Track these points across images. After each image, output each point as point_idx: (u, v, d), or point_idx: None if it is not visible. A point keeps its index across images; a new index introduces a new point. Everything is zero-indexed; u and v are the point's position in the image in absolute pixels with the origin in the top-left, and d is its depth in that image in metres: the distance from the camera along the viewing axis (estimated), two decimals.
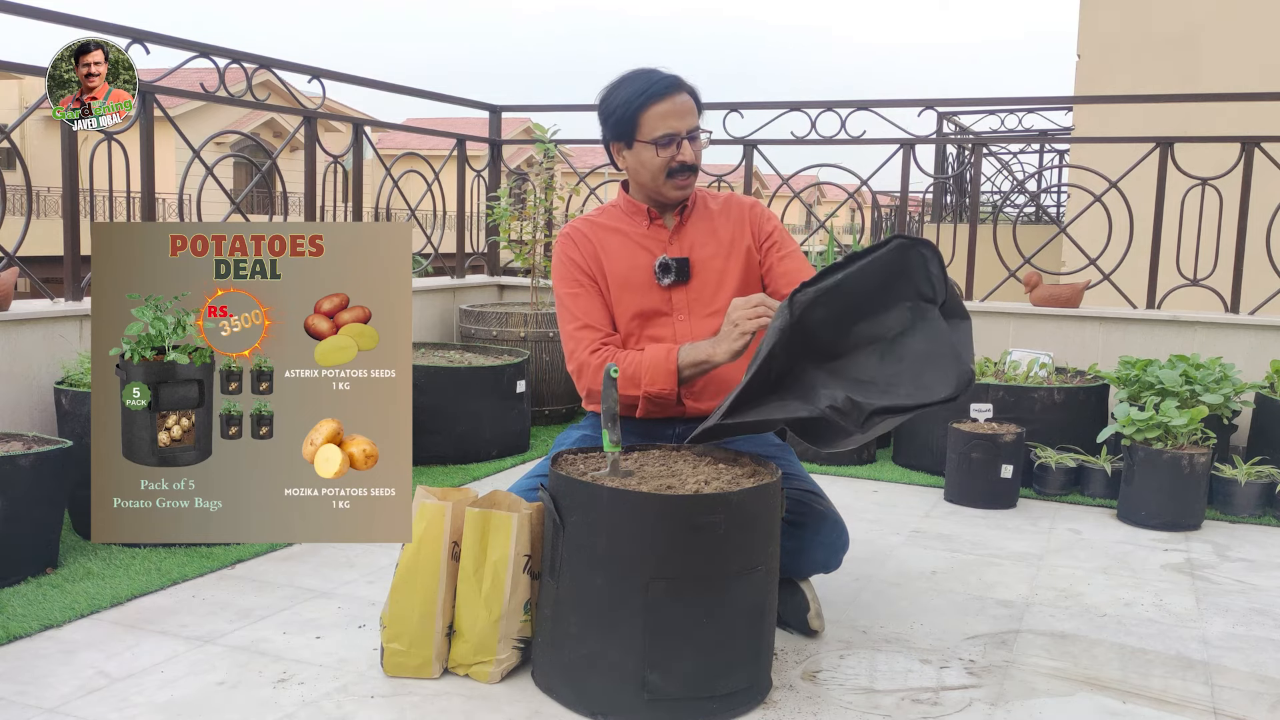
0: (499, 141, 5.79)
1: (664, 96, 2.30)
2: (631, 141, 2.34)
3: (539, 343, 4.64)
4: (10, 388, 3.11)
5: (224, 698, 1.97)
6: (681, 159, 2.33)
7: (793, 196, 5.30)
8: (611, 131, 2.37)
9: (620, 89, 2.34)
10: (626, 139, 2.35)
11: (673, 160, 2.33)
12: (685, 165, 2.34)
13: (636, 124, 2.32)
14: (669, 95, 2.31)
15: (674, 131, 2.31)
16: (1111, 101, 6.71)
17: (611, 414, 2.02)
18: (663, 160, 2.33)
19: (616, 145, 2.39)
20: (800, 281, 2.02)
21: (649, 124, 2.31)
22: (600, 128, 2.40)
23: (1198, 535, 3.27)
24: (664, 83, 2.31)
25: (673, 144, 2.32)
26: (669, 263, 2.37)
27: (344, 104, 16.33)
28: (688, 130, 2.33)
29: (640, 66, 2.38)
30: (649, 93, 2.30)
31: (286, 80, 4.47)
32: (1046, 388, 3.83)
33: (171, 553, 2.78)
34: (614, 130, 2.37)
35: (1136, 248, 4.61)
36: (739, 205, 2.51)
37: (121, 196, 10.35)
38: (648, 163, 2.34)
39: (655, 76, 2.33)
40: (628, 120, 2.32)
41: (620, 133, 2.36)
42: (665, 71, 2.35)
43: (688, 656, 1.88)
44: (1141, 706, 2.03)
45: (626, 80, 2.35)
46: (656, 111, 2.30)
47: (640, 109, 2.30)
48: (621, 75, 2.38)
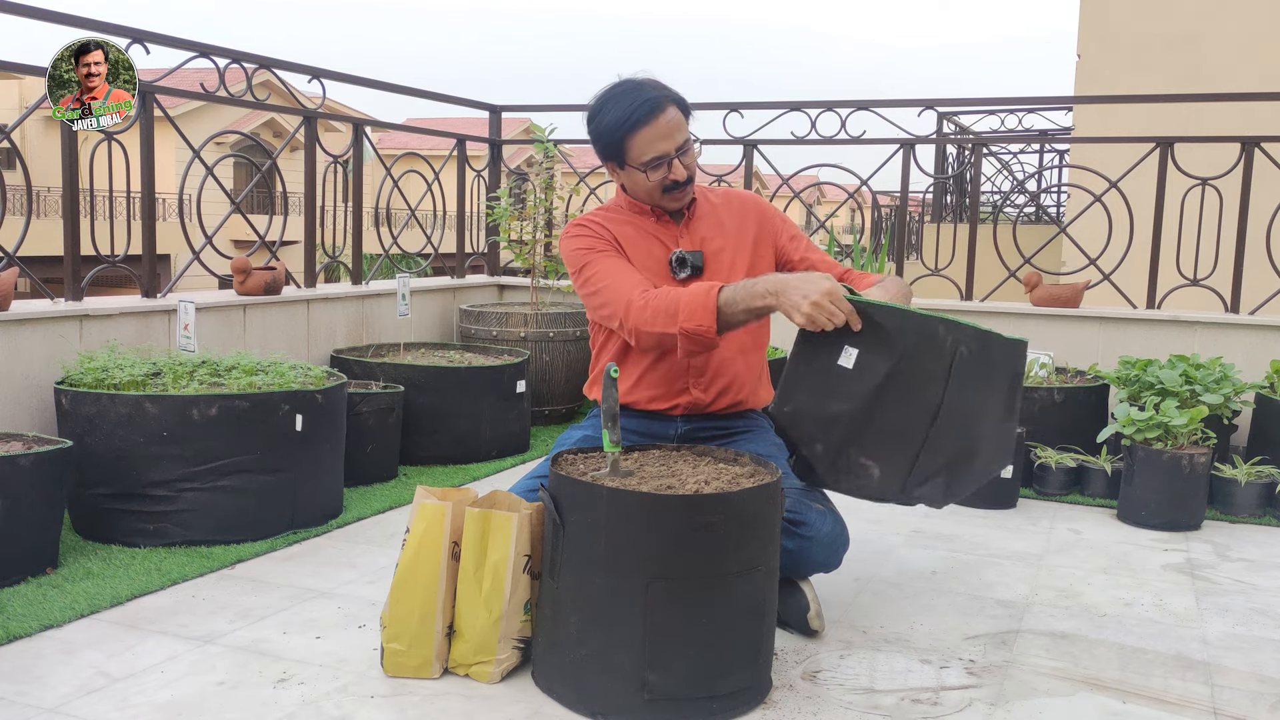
0: (499, 141, 5.79)
1: (648, 120, 2.27)
2: (623, 164, 2.35)
3: (539, 343, 4.64)
4: (10, 388, 3.11)
5: (224, 698, 1.97)
6: (674, 177, 2.33)
7: (793, 196, 5.30)
8: (602, 153, 2.38)
9: (605, 113, 2.31)
10: (617, 161, 2.36)
11: (665, 179, 2.33)
12: (678, 182, 2.34)
13: (624, 149, 2.31)
14: (652, 117, 2.28)
15: (662, 154, 2.30)
16: (1111, 101, 6.72)
17: (612, 414, 2.02)
18: (655, 182, 2.34)
19: (609, 165, 2.40)
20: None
21: (636, 149, 2.30)
22: (592, 146, 2.40)
23: (1198, 535, 3.27)
24: (647, 105, 2.28)
25: (663, 165, 2.32)
26: (685, 256, 2.38)
27: (344, 104, 16.32)
28: (676, 149, 2.31)
29: (623, 81, 2.35)
30: (632, 119, 2.27)
31: (286, 80, 4.47)
32: (1046, 388, 3.83)
33: (171, 553, 2.78)
34: (604, 152, 2.37)
35: (1136, 248, 4.61)
36: (740, 200, 2.53)
37: (121, 196, 10.36)
38: (641, 183, 2.35)
39: (639, 98, 2.28)
40: (615, 145, 2.32)
41: (610, 155, 2.36)
42: (647, 86, 2.31)
43: (688, 656, 1.88)
44: (1141, 706, 2.03)
45: (610, 102, 2.32)
46: (643, 137, 2.29)
47: (626, 135, 2.29)
48: (605, 93, 2.34)
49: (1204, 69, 7.37)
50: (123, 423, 2.82)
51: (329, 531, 3.06)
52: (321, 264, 4.86)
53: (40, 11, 3.30)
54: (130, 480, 2.83)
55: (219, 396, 2.87)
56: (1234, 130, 4.69)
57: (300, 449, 3.01)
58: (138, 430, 2.82)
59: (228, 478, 2.87)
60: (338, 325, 4.43)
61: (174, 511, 2.84)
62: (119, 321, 3.44)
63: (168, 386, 2.98)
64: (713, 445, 2.29)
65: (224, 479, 2.87)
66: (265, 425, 2.92)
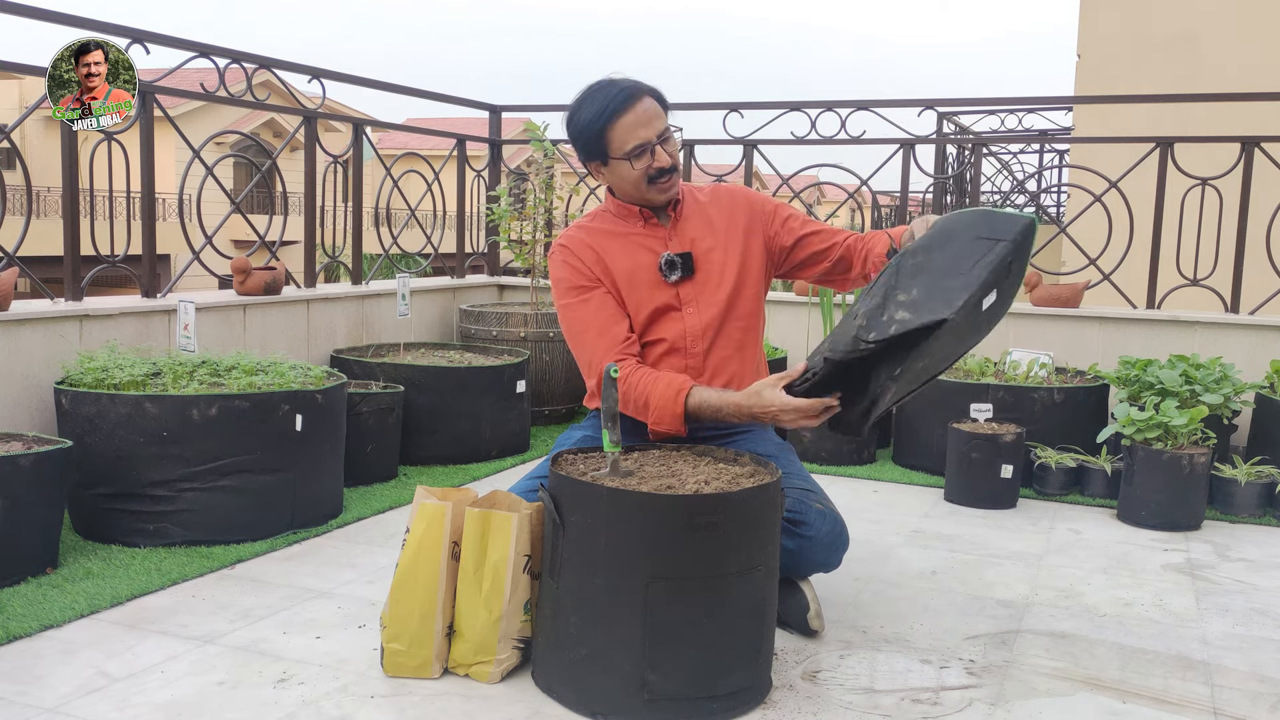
0: (499, 141, 5.79)
1: (626, 108, 2.28)
2: (606, 159, 2.35)
3: (539, 343, 4.64)
4: (10, 388, 3.11)
5: (224, 698, 1.97)
6: (658, 165, 2.33)
7: (793, 196, 5.30)
8: (584, 153, 2.37)
9: (582, 110, 2.33)
10: (601, 157, 2.35)
11: (650, 168, 2.33)
12: (663, 169, 2.34)
13: (606, 141, 2.31)
14: (630, 105, 2.29)
15: (644, 141, 2.30)
16: (1111, 101, 6.72)
17: (611, 414, 2.02)
18: (640, 171, 2.33)
19: (593, 165, 2.39)
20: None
21: (618, 139, 2.30)
22: (575, 149, 2.40)
23: (1198, 535, 3.27)
24: (623, 94, 2.29)
25: (645, 152, 2.31)
26: (674, 259, 2.37)
27: (344, 104, 16.32)
28: (658, 135, 2.32)
29: (597, 81, 2.36)
30: (610, 108, 2.28)
31: (286, 80, 4.47)
32: (1046, 388, 3.83)
33: (171, 553, 2.79)
34: (586, 151, 2.37)
35: (1136, 248, 4.61)
36: (729, 194, 2.53)
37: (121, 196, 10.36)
38: (626, 175, 2.35)
39: (613, 90, 2.30)
40: (596, 139, 2.32)
41: (593, 153, 2.35)
42: (621, 80, 2.33)
43: (688, 656, 1.88)
44: (1141, 706, 2.03)
45: (586, 99, 2.33)
46: (623, 125, 2.29)
47: (605, 126, 2.29)
48: (580, 95, 2.36)
49: (1204, 69, 7.36)
50: (123, 423, 2.82)
51: (329, 531, 3.06)
52: (321, 264, 4.86)
53: (40, 11, 3.30)
54: (130, 480, 2.83)
55: (219, 396, 2.87)
56: (1234, 130, 4.69)
57: (300, 449, 3.01)
58: (138, 430, 2.82)
59: (228, 478, 2.87)
60: (338, 325, 4.43)
61: (174, 511, 2.84)
62: (119, 321, 3.44)
63: (168, 386, 2.98)
64: (712, 445, 2.29)
65: (224, 479, 2.87)
66: (265, 425, 2.92)
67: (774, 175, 5.16)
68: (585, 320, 2.36)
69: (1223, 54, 7.43)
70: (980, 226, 1.99)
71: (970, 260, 1.95)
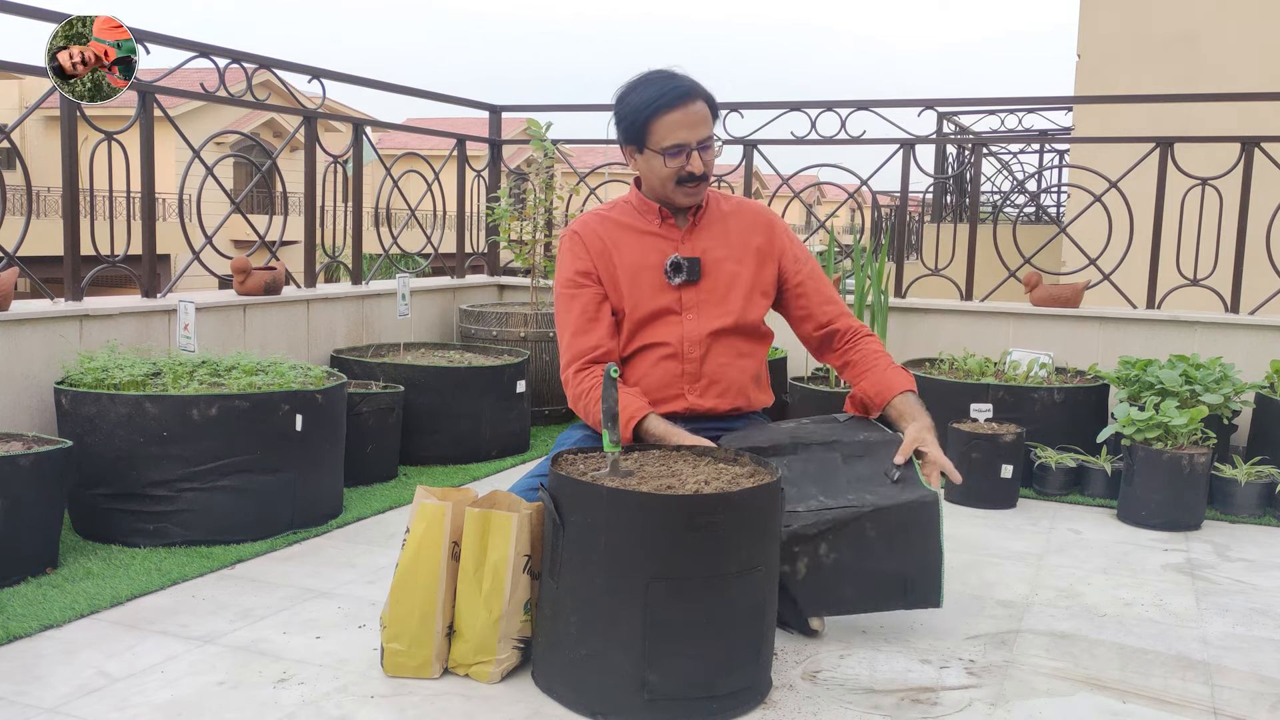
0: (499, 141, 5.79)
1: (676, 106, 2.28)
2: (642, 147, 2.34)
3: (539, 343, 4.64)
4: (10, 388, 3.11)
5: (224, 698, 1.97)
6: (690, 169, 2.32)
7: (793, 196, 5.31)
8: (624, 135, 2.37)
9: (634, 93, 2.33)
10: (637, 144, 2.35)
11: (681, 170, 2.32)
12: (694, 175, 2.33)
13: (647, 131, 2.31)
14: (681, 104, 2.28)
15: (684, 143, 2.30)
16: (1111, 101, 6.72)
17: (611, 414, 2.02)
18: (671, 170, 2.32)
19: (628, 149, 2.39)
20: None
21: (659, 133, 2.30)
22: (615, 127, 2.39)
23: (1198, 535, 3.27)
24: (677, 91, 2.29)
25: (682, 154, 2.31)
26: (680, 262, 2.38)
27: (344, 104, 16.32)
28: (698, 141, 2.31)
29: (658, 69, 2.36)
30: (660, 101, 2.28)
31: (286, 80, 4.47)
32: (1046, 388, 3.83)
33: (171, 553, 2.79)
34: (625, 134, 2.36)
35: (1136, 248, 4.61)
36: (753, 211, 2.52)
37: (121, 196, 10.36)
38: (657, 170, 2.34)
39: (670, 84, 2.30)
40: (639, 127, 2.32)
41: (631, 137, 2.35)
42: (681, 77, 2.32)
43: (688, 656, 1.88)
44: (1141, 706, 2.03)
45: (641, 84, 2.33)
46: (668, 121, 2.29)
47: (651, 117, 2.29)
48: (638, 77, 2.36)
49: (1204, 69, 7.36)
50: (123, 423, 2.82)
51: (329, 531, 3.06)
52: (321, 264, 4.86)
53: (40, 11, 3.29)
54: (130, 480, 2.83)
55: (219, 396, 2.87)
56: (1234, 130, 4.70)
57: (300, 449, 3.01)
58: (138, 430, 2.82)
59: (228, 478, 2.87)
60: (338, 325, 4.43)
61: (174, 511, 2.84)
62: (119, 321, 3.44)
63: (168, 386, 2.98)
64: (713, 445, 2.29)
65: (224, 479, 2.87)
66: (265, 425, 2.92)
67: (774, 175, 5.16)
68: (565, 318, 2.42)
69: (1223, 54, 7.43)
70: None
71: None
